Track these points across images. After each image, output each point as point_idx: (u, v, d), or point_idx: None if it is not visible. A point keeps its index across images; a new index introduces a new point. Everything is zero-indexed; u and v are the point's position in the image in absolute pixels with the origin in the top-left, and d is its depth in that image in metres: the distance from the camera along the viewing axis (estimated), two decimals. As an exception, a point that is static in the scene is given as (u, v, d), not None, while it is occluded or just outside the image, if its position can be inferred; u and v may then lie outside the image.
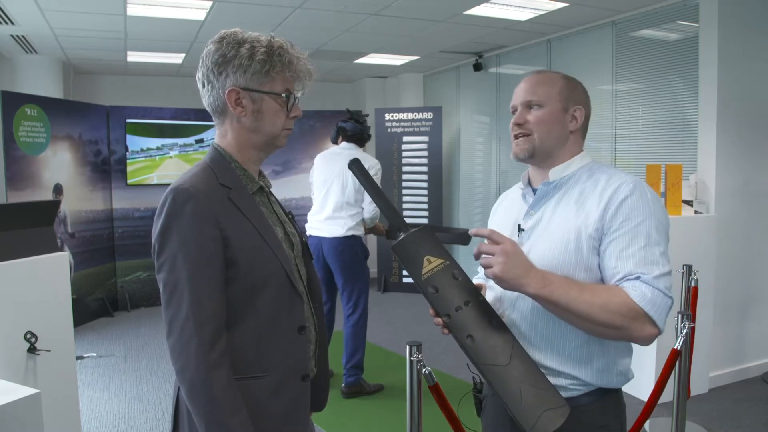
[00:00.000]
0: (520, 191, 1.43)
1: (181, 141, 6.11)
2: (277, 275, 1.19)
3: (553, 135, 1.32)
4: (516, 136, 1.35)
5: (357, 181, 4.00)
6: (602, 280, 1.24)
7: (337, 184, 3.63)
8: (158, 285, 1.15)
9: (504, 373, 1.17)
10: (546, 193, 1.34)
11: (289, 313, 1.22)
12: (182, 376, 1.11)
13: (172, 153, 6.08)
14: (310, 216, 3.78)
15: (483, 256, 1.20)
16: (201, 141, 6.22)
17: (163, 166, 6.04)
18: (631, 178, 1.27)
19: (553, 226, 1.29)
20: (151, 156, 5.99)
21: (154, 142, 5.99)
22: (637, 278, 1.17)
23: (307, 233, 3.74)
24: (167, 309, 1.12)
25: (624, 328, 1.15)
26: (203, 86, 1.23)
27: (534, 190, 1.38)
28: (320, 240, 3.65)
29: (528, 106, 1.34)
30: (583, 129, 1.37)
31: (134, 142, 5.89)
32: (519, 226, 1.35)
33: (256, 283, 1.17)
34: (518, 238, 1.34)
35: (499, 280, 1.18)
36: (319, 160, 3.79)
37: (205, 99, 1.24)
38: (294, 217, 1.40)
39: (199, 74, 1.24)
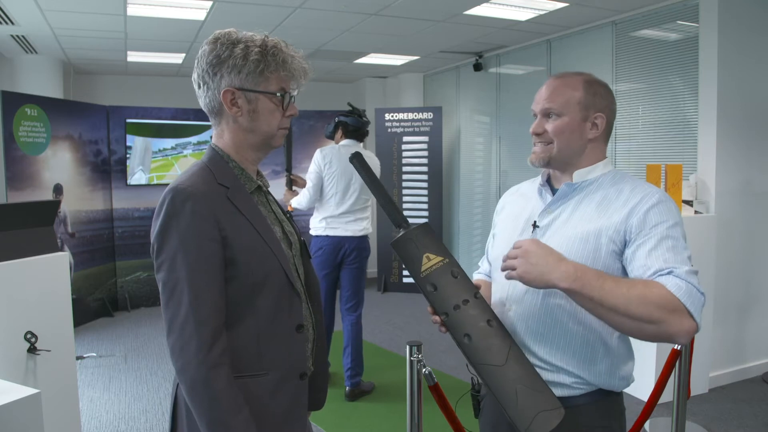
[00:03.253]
0: (537, 187, 1.41)
1: (194, 139, 6.13)
2: (275, 274, 1.19)
3: (572, 145, 1.31)
4: (535, 144, 1.34)
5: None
6: None
7: (361, 188, 3.58)
8: (158, 285, 1.15)
9: (500, 374, 1.17)
10: (567, 194, 1.33)
11: (288, 312, 1.22)
12: (183, 376, 1.11)
13: (186, 152, 6.09)
14: (323, 215, 3.63)
15: (506, 262, 1.19)
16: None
17: (179, 164, 6.09)
18: (656, 189, 1.27)
19: (572, 224, 1.28)
20: (166, 156, 6.02)
21: (168, 143, 6.02)
22: (670, 273, 1.14)
23: (321, 233, 3.64)
24: (167, 308, 1.12)
25: (662, 322, 1.09)
26: (199, 87, 1.23)
27: (553, 189, 1.37)
28: (342, 239, 3.60)
29: (546, 114, 1.32)
30: (606, 134, 1.35)
31: (155, 143, 5.95)
32: (534, 222, 1.34)
33: (255, 282, 1.17)
34: (531, 234, 1.33)
35: (525, 281, 1.15)
36: (333, 157, 3.60)
37: (202, 100, 1.24)
38: (292, 216, 1.40)
39: (194, 75, 1.23)
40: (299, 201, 3.66)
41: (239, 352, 1.17)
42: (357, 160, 1.33)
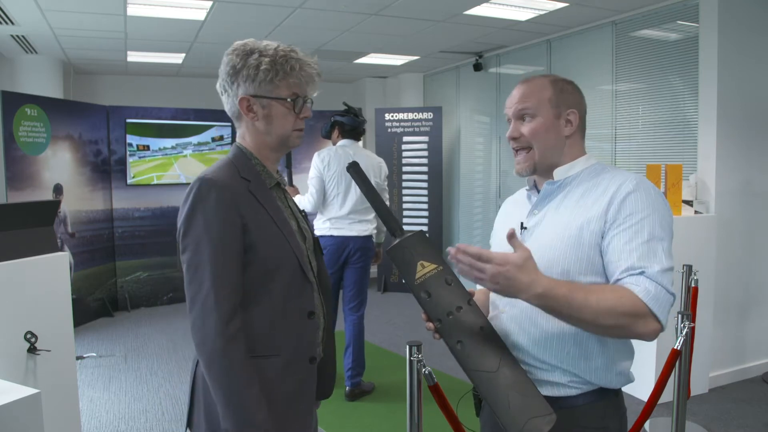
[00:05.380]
0: (526, 193, 1.44)
1: (195, 140, 6.15)
2: (289, 261, 1.30)
3: (550, 144, 1.33)
4: (516, 151, 1.36)
5: (379, 182, 3.91)
6: (605, 275, 1.24)
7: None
8: (181, 265, 1.26)
9: (492, 380, 1.19)
10: (550, 193, 1.35)
11: (300, 298, 1.32)
12: (201, 349, 1.21)
13: (186, 152, 6.11)
14: (327, 216, 3.64)
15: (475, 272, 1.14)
16: (220, 138, 6.28)
17: (179, 164, 6.11)
18: (634, 175, 1.28)
19: (556, 223, 1.29)
20: (166, 155, 6.04)
21: (169, 142, 6.03)
22: (641, 273, 1.16)
23: (326, 233, 3.63)
24: (190, 286, 1.23)
25: (628, 327, 1.14)
26: (221, 94, 1.36)
27: (539, 191, 1.39)
28: (346, 239, 3.60)
29: (520, 117, 1.34)
30: (581, 130, 1.37)
31: (155, 142, 5.96)
32: (522, 224, 1.36)
33: (269, 268, 1.27)
34: (521, 236, 1.34)
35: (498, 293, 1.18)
36: (332, 159, 3.60)
37: (225, 106, 1.37)
38: (307, 215, 1.52)
39: (217, 84, 1.36)
40: (302, 203, 3.66)
41: (253, 333, 1.26)
42: (354, 170, 1.37)
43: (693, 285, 3.20)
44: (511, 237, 1.16)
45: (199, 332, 1.21)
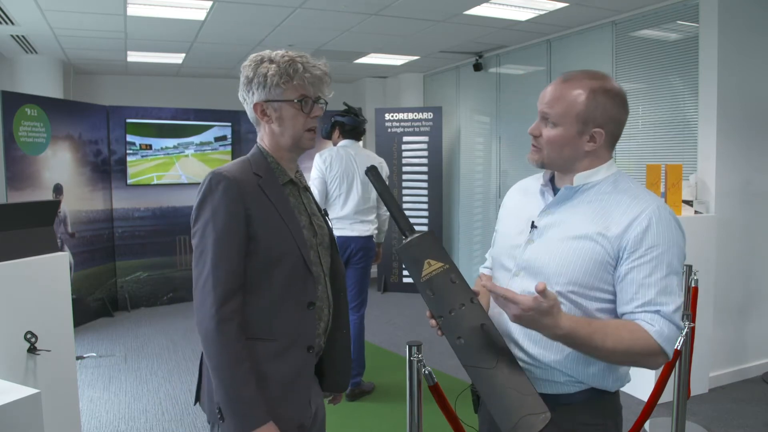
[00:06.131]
0: (539, 186, 1.40)
1: (197, 139, 6.16)
2: (291, 254, 1.37)
3: (564, 156, 1.29)
4: (532, 143, 1.34)
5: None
6: (609, 292, 1.25)
7: (362, 187, 3.61)
8: (193, 249, 1.38)
9: (489, 376, 1.20)
10: (567, 197, 1.31)
11: (301, 290, 1.39)
12: (199, 327, 1.31)
13: (187, 151, 6.11)
14: (331, 217, 3.64)
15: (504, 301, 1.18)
16: (223, 138, 6.28)
17: (180, 163, 6.12)
18: (655, 202, 1.24)
19: (568, 230, 1.27)
20: (168, 154, 6.04)
21: (171, 141, 6.03)
22: (657, 312, 1.19)
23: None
24: (195, 268, 1.34)
25: (638, 361, 1.22)
26: (243, 103, 1.47)
27: (555, 190, 1.36)
28: (347, 239, 3.61)
29: (544, 118, 1.29)
30: (608, 144, 1.30)
31: (157, 142, 5.96)
32: (533, 222, 1.34)
33: (272, 258, 1.36)
34: (529, 234, 1.34)
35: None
36: (333, 159, 3.62)
37: (248, 113, 1.47)
38: (327, 214, 1.61)
39: (238, 94, 1.47)
40: None
41: (252, 317, 1.35)
42: (372, 173, 1.43)
43: (693, 285, 3.20)
44: (542, 291, 1.11)
45: (198, 311, 1.31)
